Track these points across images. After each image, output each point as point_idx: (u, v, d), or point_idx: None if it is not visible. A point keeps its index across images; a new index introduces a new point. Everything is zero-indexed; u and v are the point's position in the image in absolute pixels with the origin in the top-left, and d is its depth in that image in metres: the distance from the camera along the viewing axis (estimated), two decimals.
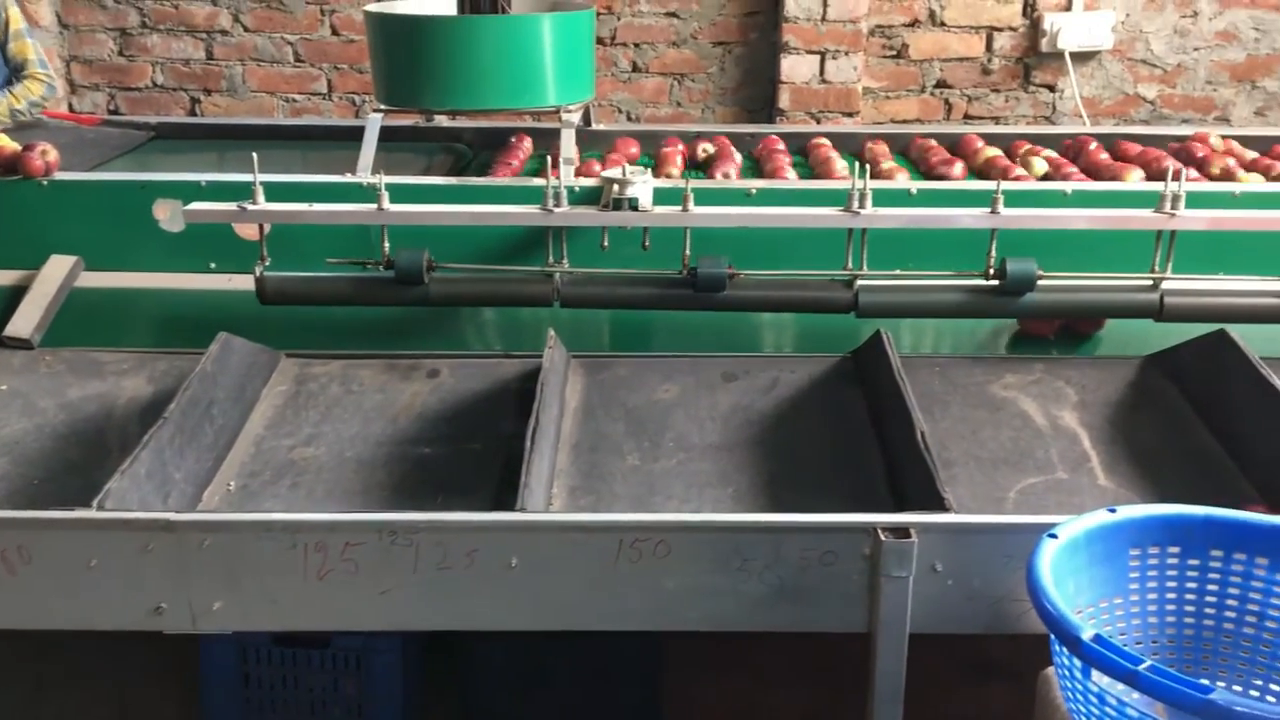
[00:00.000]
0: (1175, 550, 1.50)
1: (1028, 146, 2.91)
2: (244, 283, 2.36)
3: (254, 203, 2.25)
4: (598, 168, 2.67)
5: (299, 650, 2.13)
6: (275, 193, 2.29)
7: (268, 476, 1.97)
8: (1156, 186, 2.30)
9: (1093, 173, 2.74)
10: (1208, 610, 1.50)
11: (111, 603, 1.63)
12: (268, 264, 2.27)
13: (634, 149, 2.93)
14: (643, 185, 2.29)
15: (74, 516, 1.61)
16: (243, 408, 2.12)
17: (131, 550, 1.60)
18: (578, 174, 2.63)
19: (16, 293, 2.45)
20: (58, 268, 2.49)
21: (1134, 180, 2.65)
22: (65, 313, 2.44)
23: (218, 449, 1.99)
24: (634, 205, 2.27)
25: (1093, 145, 2.89)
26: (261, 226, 2.27)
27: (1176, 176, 2.21)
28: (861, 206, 2.22)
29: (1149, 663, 1.18)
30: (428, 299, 2.27)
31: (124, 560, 1.60)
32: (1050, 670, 1.54)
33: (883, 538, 1.57)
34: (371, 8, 2.70)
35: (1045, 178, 2.72)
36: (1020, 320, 2.39)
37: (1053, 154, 2.86)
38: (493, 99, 2.59)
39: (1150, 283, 2.23)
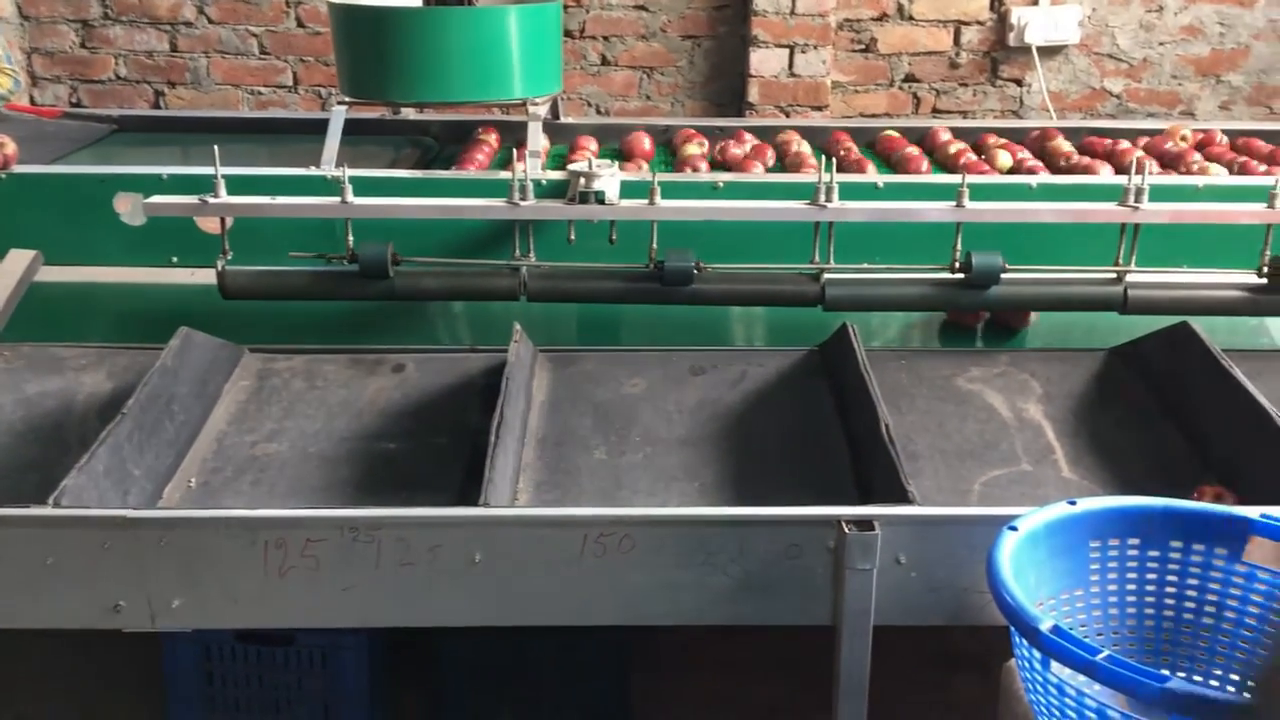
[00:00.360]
0: (1135, 542, 1.50)
1: (993, 140, 2.92)
2: (207, 277, 2.33)
3: (215, 196, 2.22)
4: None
5: (263, 648, 2.12)
6: (238, 186, 2.27)
7: (230, 473, 1.95)
8: (1120, 180, 2.31)
9: (1057, 167, 2.75)
10: (1167, 601, 1.51)
11: (69, 601, 1.61)
12: (230, 258, 2.24)
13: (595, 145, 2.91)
14: (610, 178, 2.28)
15: (30, 514, 1.59)
16: (204, 403, 2.10)
17: (89, 548, 1.58)
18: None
19: None
20: (17, 262, 2.46)
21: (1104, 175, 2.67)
22: (24, 307, 2.40)
23: (178, 445, 1.97)
24: (601, 199, 2.26)
25: (1058, 139, 2.90)
26: (223, 220, 2.25)
27: (1140, 170, 2.22)
28: (828, 200, 2.22)
29: (1106, 653, 1.18)
30: (392, 293, 2.25)
31: (81, 558, 1.58)
32: (1013, 662, 1.55)
33: (846, 530, 1.57)
34: None
35: (1011, 171, 2.73)
36: (949, 312, 2.40)
37: (1019, 149, 2.87)
38: (459, 92, 2.57)
39: (1114, 275, 2.24)
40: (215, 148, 2.21)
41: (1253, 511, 1.48)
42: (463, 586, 1.61)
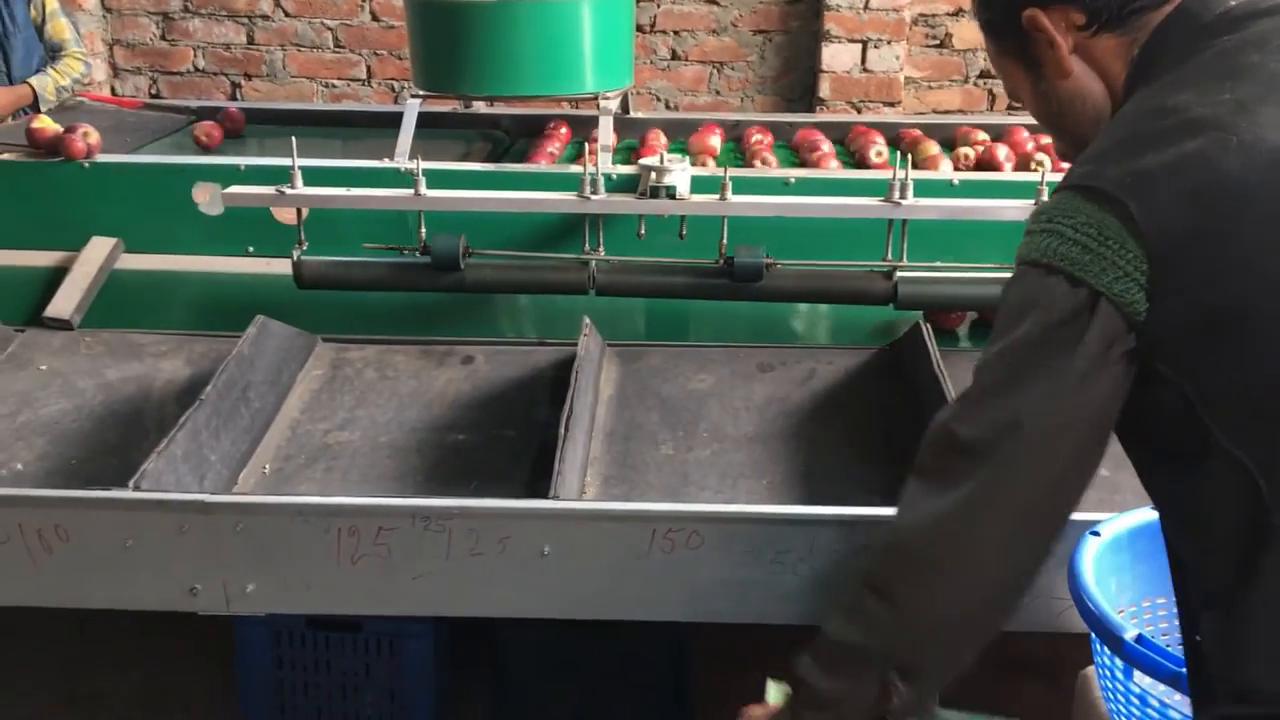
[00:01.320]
0: None
1: None
2: (282, 266, 2.36)
3: (292, 187, 2.25)
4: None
5: (332, 634, 2.14)
6: (313, 177, 2.30)
7: (302, 460, 1.97)
8: None
9: None
10: None
11: (147, 583, 1.64)
12: (305, 248, 2.27)
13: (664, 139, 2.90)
14: (680, 173, 2.27)
15: (110, 496, 1.62)
16: (279, 391, 2.13)
17: (167, 531, 1.61)
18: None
19: (57, 274, 2.47)
20: (98, 249, 2.51)
21: None
22: (105, 294, 2.46)
23: (253, 432, 2.00)
24: (671, 193, 2.25)
25: None
26: (299, 211, 2.28)
27: None
28: (903, 197, 2.19)
29: None
30: (463, 285, 2.27)
31: (159, 541, 1.61)
32: (1090, 670, 1.52)
33: None
34: None
35: None
36: (929, 314, 2.35)
37: None
38: (531, 85, 2.57)
39: None
40: (293, 139, 2.24)
41: None
42: (531, 578, 1.62)
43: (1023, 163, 2.65)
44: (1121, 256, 0.95)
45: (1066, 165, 1.11)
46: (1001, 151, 2.66)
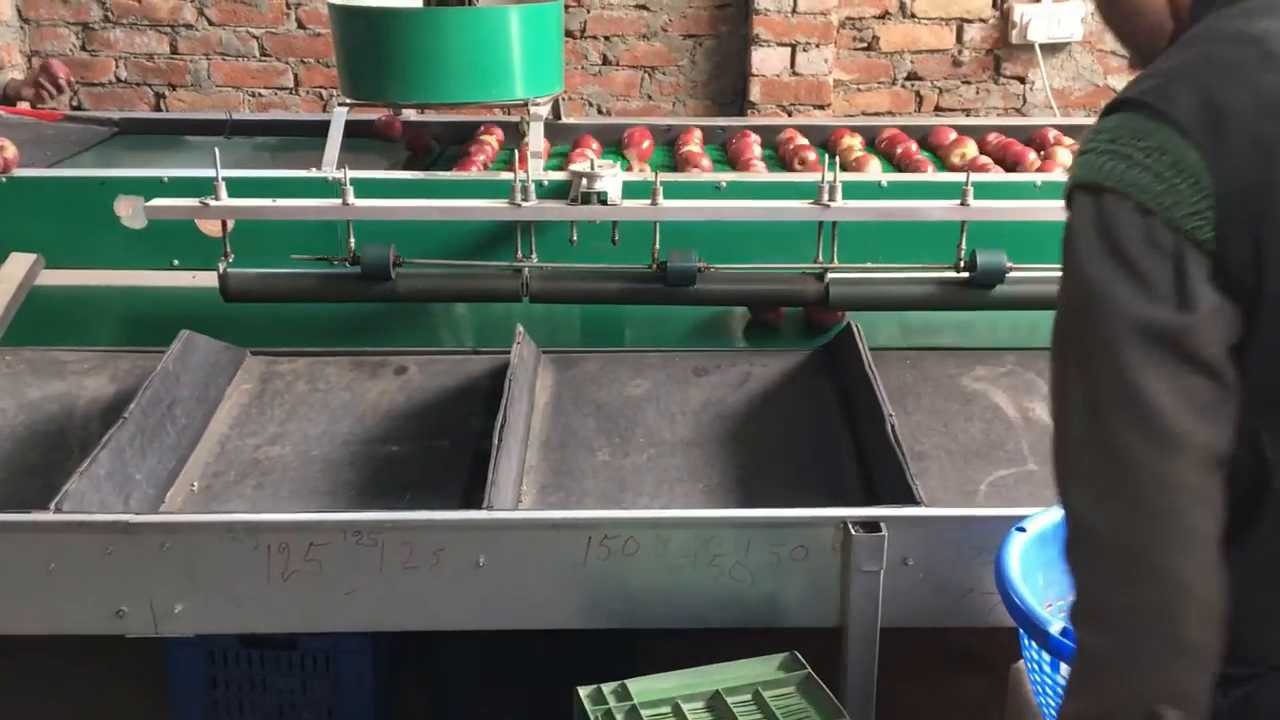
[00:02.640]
0: None
1: (1054, 135, 2.89)
2: (208, 279, 2.32)
3: (216, 198, 2.21)
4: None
5: (266, 652, 2.10)
6: (239, 188, 2.26)
7: (232, 476, 1.94)
8: None
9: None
10: None
11: (72, 607, 1.61)
12: (231, 260, 2.24)
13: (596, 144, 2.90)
14: (612, 179, 2.27)
15: (31, 519, 1.58)
16: (206, 407, 2.09)
17: (91, 553, 1.57)
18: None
19: None
20: (17, 266, 2.45)
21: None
22: (25, 311, 2.39)
23: (180, 449, 1.96)
24: (603, 199, 2.25)
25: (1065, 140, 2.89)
26: (224, 223, 2.24)
27: None
28: (832, 199, 2.21)
29: None
30: (394, 295, 2.25)
31: (83, 563, 1.58)
32: (1022, 663, 1.53)
33: (853, 532, 1.56)
34: (336, 0, 2.67)
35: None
36: (751, 308, 2.39)
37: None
38: (460, 93, 2.56)
39: None
40: (216, 150, 2.20)
41: None
42: (467, 590, 1.61)
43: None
44: (1195, 193, 0.90)
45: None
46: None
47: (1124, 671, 0.95)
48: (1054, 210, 2.26)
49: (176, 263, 2.48)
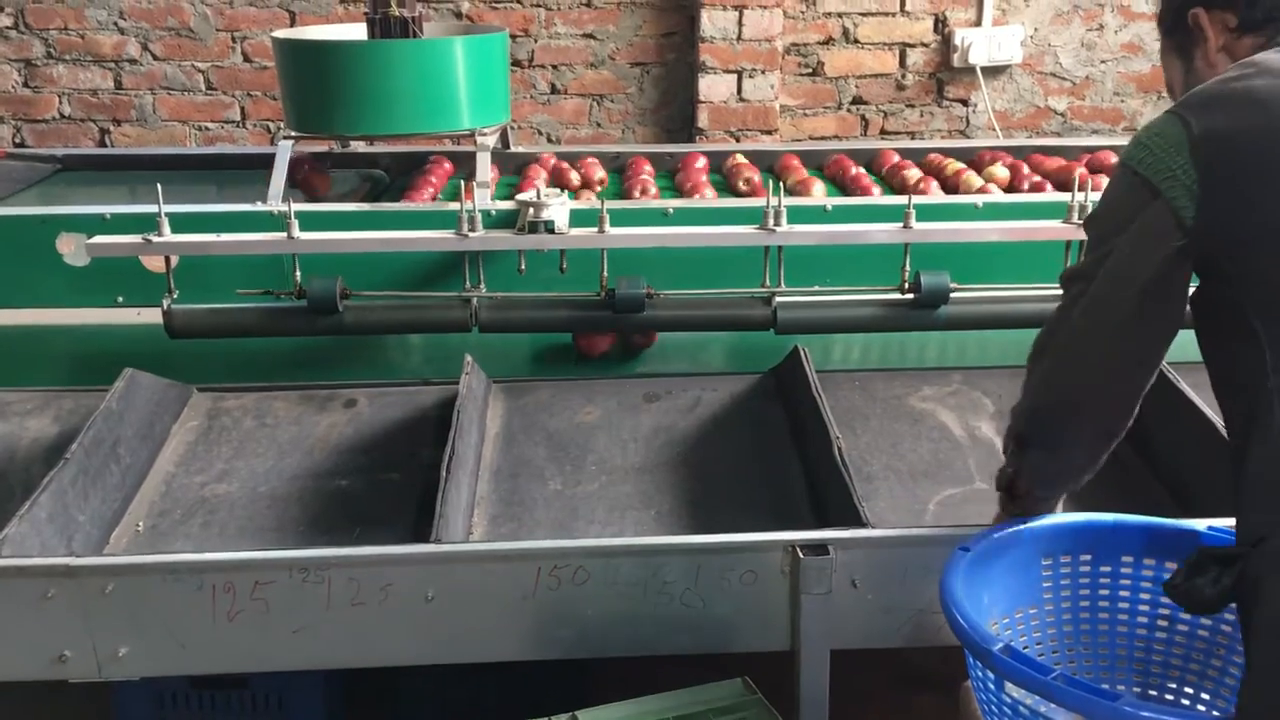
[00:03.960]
0: (1087, 558, 1.51)
1: (990, 156, 2.94)
2: (154, 316, 2.30)
3: (159, 234, 2.20)
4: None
5: (217, 693, 2.07)
6: (183, 224, 2.25)
7: (178, 516, 1.92)
8: (1065, 197, 2.34)
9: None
10: (1120, 617, 1.52)
11: (12, 652, 1.58)
12: (176, 297, 2.22)
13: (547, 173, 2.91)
14: (559, 207, 2.27)
15: None
16: (152, 445, 2.07)
17: (30, 597, 1.54)
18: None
19: None
20: None
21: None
22: None
23: (125, 489, 1.94)
24: (550, 228, 2.25)
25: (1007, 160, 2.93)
26: (168, 259, 2.22)
27: (1083, 187, 2.25)
28: (777, 224, 2.23)
29: (1058, 672, 1.18)
30: (342, 328, 2.24)
31: (23, 608, 1.55)
32: (970, 683, 1.54)
33: (801, 555, 1.57)
34: (279, 34, 2.67)
35: (1009, 188, 2.74)
36: (574, 338, 2.42)
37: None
38: (406, 124, 2.56)
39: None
40: (159, 186, 2.19)
41: (1200, 524, 1.49)
42: (416, 625, 1.59)
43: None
44: (1174, 162, 1.24)
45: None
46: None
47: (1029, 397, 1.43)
48: (994, 231, 2.31)
49: (121, 299, 2.46)
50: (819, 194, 2.72)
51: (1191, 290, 1.31)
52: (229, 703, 2.08)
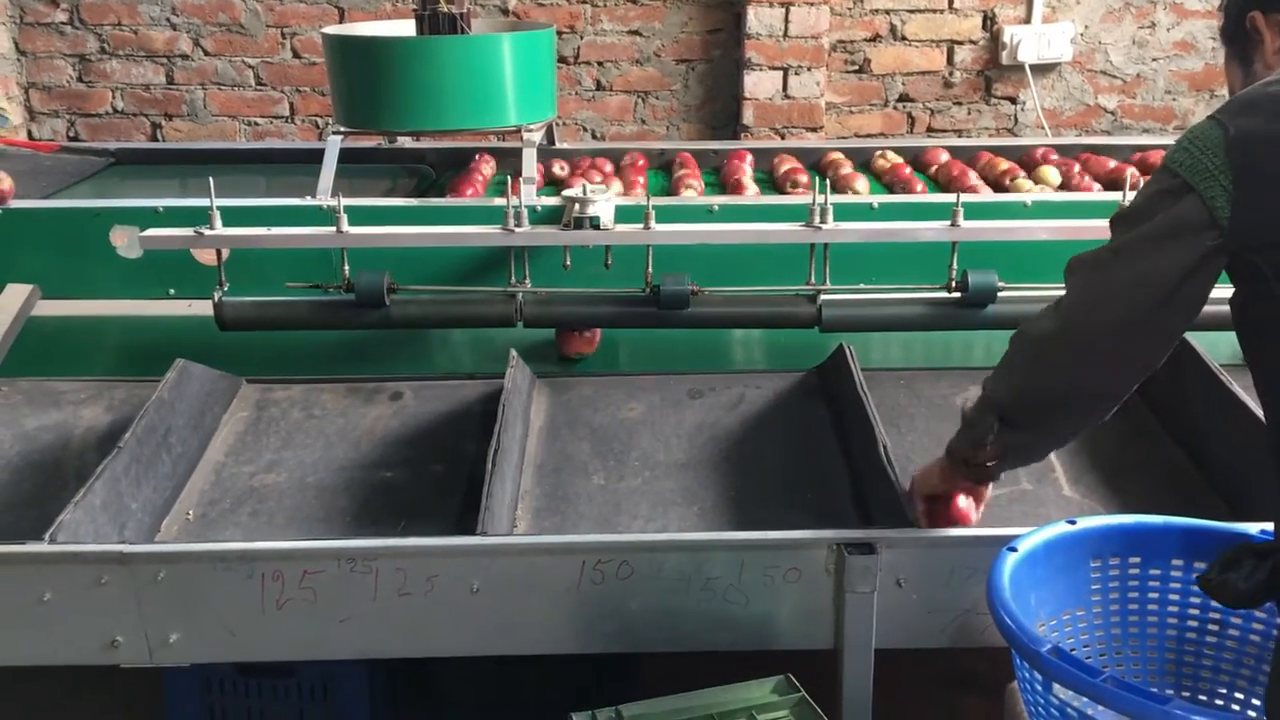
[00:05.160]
0: (1136, 560, 1.50)
1: (1042, 153, 2.91)
2: (204, 308, 2.33)
3: (211, 228, 2.23)
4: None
5: (264, 680, 2.10)
6: (234, 217, 2.28)
7: (227, 505, 1.95)
8: (1116, 196, 2.31)
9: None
10: (1170, 620, 1.50)
11: (66, 637, 1.60)
12: (226, 289, 2.25)
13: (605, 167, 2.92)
14: (604, 203, 2.28)
15: (25, 550, 1.58)
16: (202, 435, 2.10)
17: (85, 583, 1.57)
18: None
19: None
20: (13, 296, 2.46)
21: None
22: (22, 342, 2.40)
23: (176, 478, 1.97)
24: (595, 224, 2.26)
25: (1054, 156, 2.90)
26: (219, 252, 2.25)
27: (1134, 186, 2.22)
28: (823, 221, 2.22)
29: (1108, 674, 1.17)
30: (389, 321, 2.26)
31: (77, 594, 1.58)
32: (1016, 684, 1.53)
33: (846, 554, 1.57)
34: (330, 30, 2.69)
35: (1062, 187, 2.72)
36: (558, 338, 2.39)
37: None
38: (454, 120, 2.57)
39: None
40: (210, 180, 2.22)
41: (1252, 527, 1.47)
42: (461, 616, 1.61)
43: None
44: (1211, 163, 1.25)
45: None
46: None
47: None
48: (1043, 230, 2.28)
49: (172, 292, 2.49)
50: (862, 189, 2.71)
51: (1230, 293, 1.31)
52: (275, 690, 2.11)
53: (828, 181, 2.30)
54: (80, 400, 2.26)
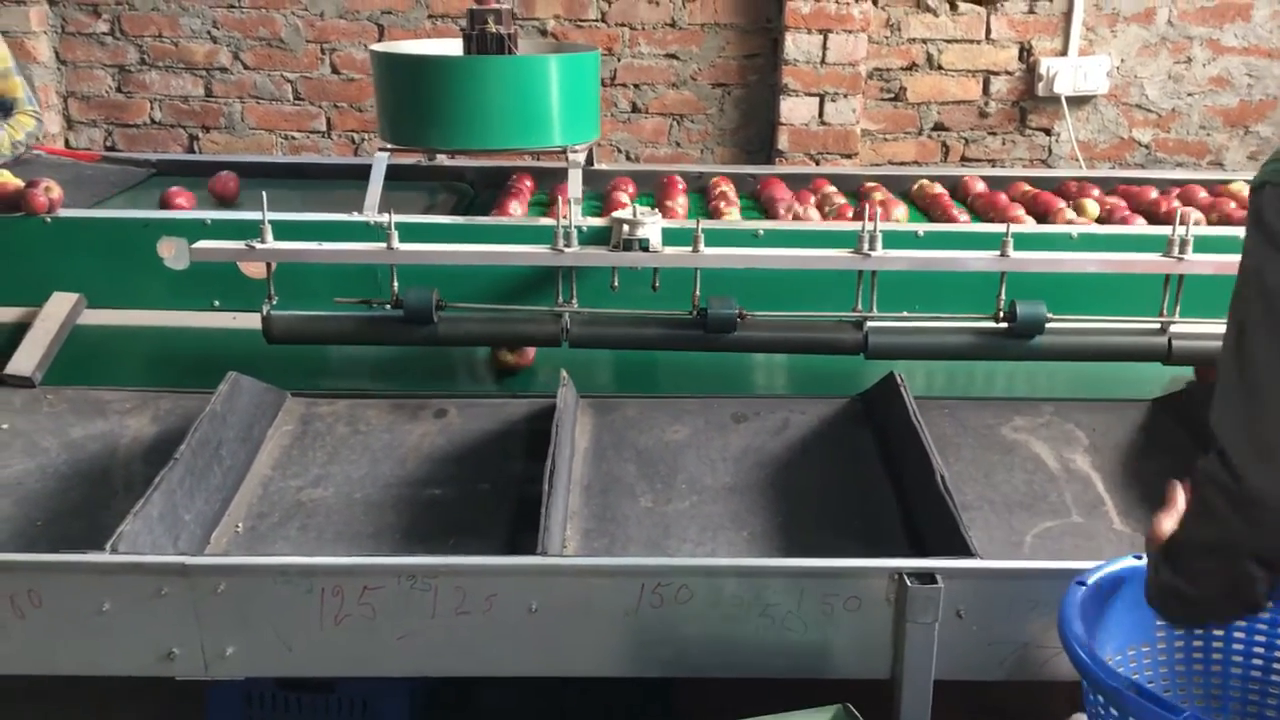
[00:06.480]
0: None
1: (1078, 187, 2.92)
2: (247, 321, 2.34)
3: (262, 241, 2.23)
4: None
5: (304, 695, 2.10)
6: (280, 231, 2.28)
7: (276, 519, 1.94)
8: (1164, 230, 2.31)
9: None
10: (1235, 658, 1.49)
11: (123, 648, 1.60)
12: (275, 302, 2.25)
13: (631, 189, 2.93)
14: (653, 226, 2.28)
15: (87, 560, 1.58)
16: (250, 448, 2.10)
17: (145, 594, 1.57)
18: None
19: (18, 330, 2.42)
20: (60, 305, 2.46)
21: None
22: (67, 351, 2.41)
23: (225, 490, 1.97)
24: (644, 246, 2.26)
25: (1095, 191, 2.91)
26: (269, 265, 2.26)
27: (1184, 221, 2.22)
28: (872, 249, 2.22)
29: (1188, 712, 1.17)
30: (436, 338, 2.26)
31: (137, 604, 1.57)
32: (1077, 717, 1.53)
33: (909, 583, 1.56)
34: (378, 47, 2.71)
35: (1100, 220, 2.72)
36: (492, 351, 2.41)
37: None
38: (501, 139, 2.58)
39: (1158, 326, 2.24)
40: (263, 193, 2.22)
41: None
42: (518, 636, 1.60)
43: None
44: None
45: None
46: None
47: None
48: (1093, 262, 2.28)
49: (217, 304, 2.50)
50: (900, 216, 2.72)
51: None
52: (315, 706, 2.11)
53: (877, 210, 2.29)
54: (126, 410, 2.26)
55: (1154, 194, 2.87)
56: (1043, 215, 2.75)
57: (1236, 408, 1.19)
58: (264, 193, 2.22)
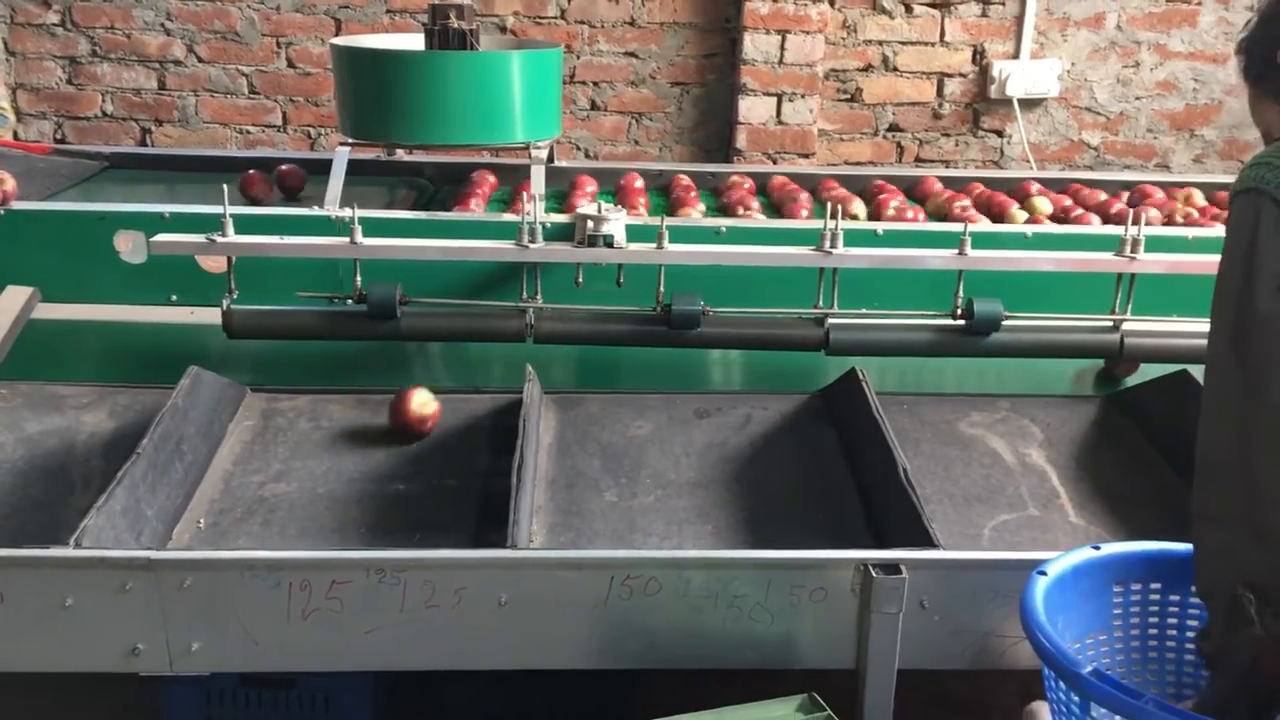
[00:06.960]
0: (1157, 586, 1.53)
1: (1038, 187, 2.96)
2: (206, 315, 2.32)
3: (223, 235, 2.21)
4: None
5: (265, 691, 2.08)
6: (241, 225, 2.27)
7: (238, 514, 1.93)
8: (1117, 230, 2.36)
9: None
10: (1188, 645, 1.54)
11: (86, 644, 1.58)
12: (235, 297, 2.23)
13: (592, 186, 2.94)
14: (617, 222, 2.30)
15: (50, 554, 1.56)
16: (211, 443, 2.08)
17: (109, 589, 1.55)
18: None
19: None
20: (13, 299, 2.43)
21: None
22: (21, 345, 2.37)
23: (187, 485, 1.95)
24: (609, 242, 2.27)
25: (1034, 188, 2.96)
26: (230, 259, 2.24)
27: (1136, 221, 2.28)
28: (834, 246, 2.25)
29: (1149, 697, 1.20)
30: (399, 334, 2.26)
31: (101, 600, 1.56)
32: (1035, 705, 1.56)
33: (874, 574, 1.58)
34: (340, 41, 2.69)
35: (1054, 218, 2.77)
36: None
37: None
38: (462, 134, 2.58)
39: (1111, 324, 2.29)
40: (225, 186, 2.21)
41: None
42: (488, 629, 1.60)
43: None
44: None
45: None
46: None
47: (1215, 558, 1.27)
48: (1049, 260, 2.33)
49: (175, 298, 2.47)
50: (859, 212, 2.75)
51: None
52: (276, 701, 2.09)
53: (839, 209, 2.32)
54: (82, 405, 2.23)
55: (1102, 196, 2.94)
56: (998, 216, 2.80)
57: None
58: (225, 186, 2.20)
